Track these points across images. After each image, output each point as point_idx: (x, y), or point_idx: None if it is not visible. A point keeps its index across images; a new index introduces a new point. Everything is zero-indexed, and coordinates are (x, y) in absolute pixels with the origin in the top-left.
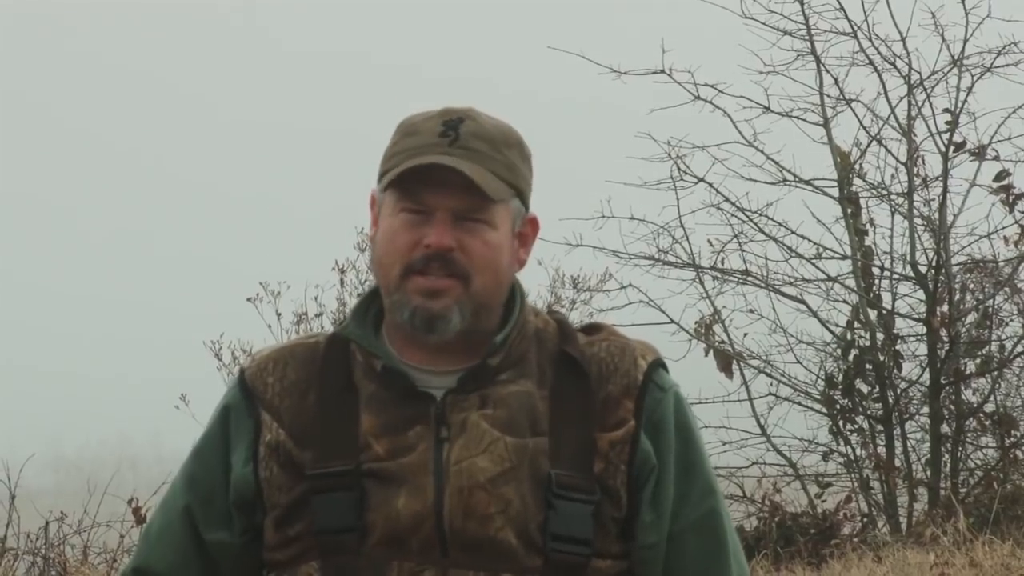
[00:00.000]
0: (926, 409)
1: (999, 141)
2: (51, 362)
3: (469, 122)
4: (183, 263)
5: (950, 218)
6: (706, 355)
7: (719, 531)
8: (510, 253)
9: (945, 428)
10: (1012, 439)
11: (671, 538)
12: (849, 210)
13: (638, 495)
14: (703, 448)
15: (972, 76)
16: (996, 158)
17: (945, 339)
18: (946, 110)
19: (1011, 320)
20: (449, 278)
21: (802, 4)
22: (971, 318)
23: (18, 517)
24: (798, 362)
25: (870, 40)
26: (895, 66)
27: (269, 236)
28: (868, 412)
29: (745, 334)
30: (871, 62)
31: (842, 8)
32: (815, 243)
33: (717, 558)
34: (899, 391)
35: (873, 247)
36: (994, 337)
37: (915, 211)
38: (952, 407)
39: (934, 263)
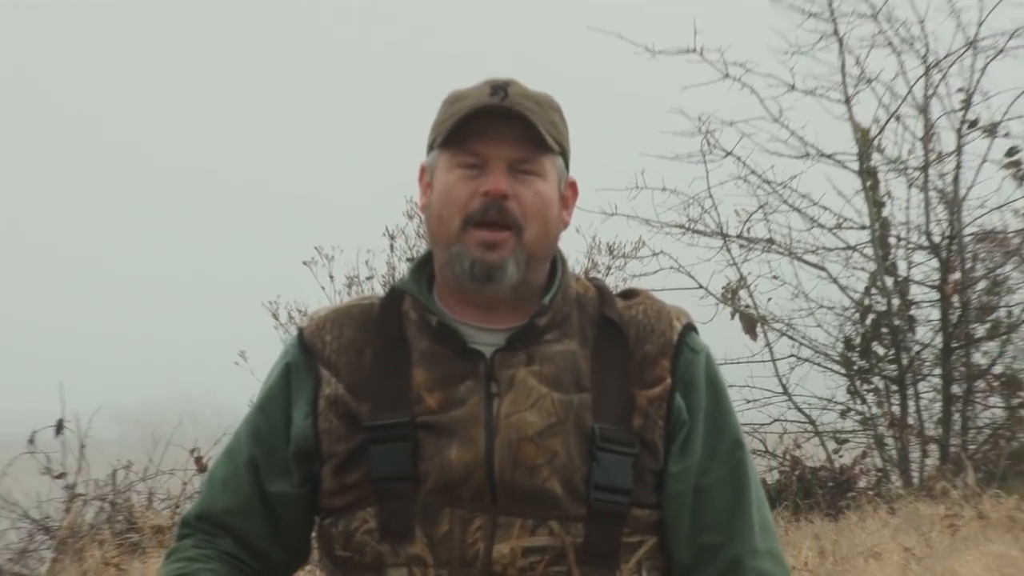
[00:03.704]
0: (938, 371)
1: (1011, 119)
2: (118, 326)
3: (515, 85)
4: (242, 230)
5: (963, 191)
6: (732, 318)
7: (744, 483)
8: (557, 209)
9: (956, 389)
10: (1019, 399)
11: (700, 490)
12: (868, 183)
13: (669, 449)
14: (731, 405)
15: (986, 57)
16: (1007, 135)
17: (957, 305)
18: (961, 89)
19: (1019, 288)
20: (504, 230)
21: None
22: (981, 285)
23: (87, 465)
24: (818, 326)
25: (890, 22)
26: (913, 47)
27: (325, 204)
28: (883, 373)
29: (769, 299)
30: (890, 43)
31: None
32: (836, 214)
33: (741, 508)
34: (913, 354)
35: (890, 218)
36: (1003, 304)
37: (930, 184)
38: (962, 369)
39: (947, 233)
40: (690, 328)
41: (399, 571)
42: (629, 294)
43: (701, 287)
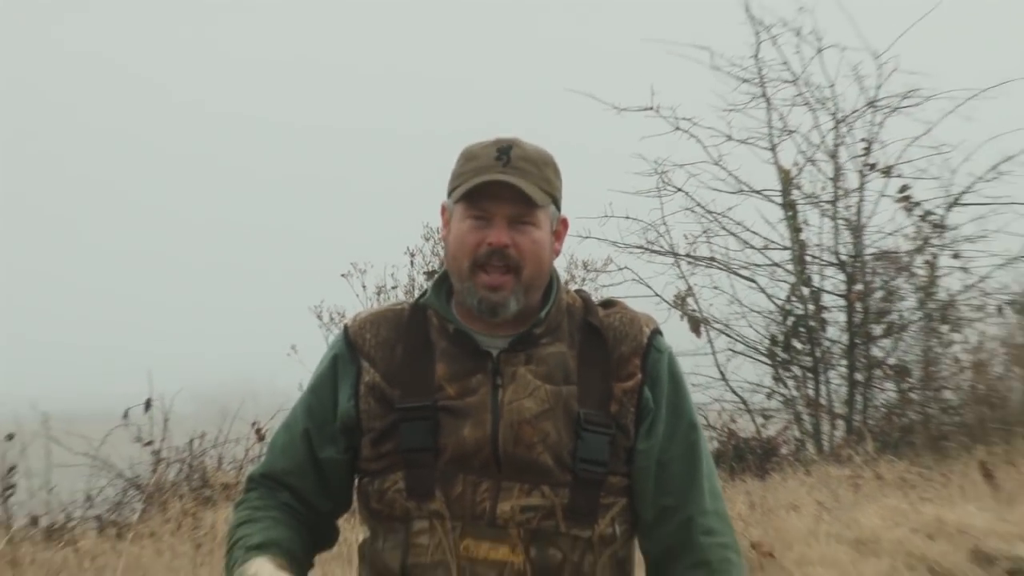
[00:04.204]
0: (844, 362)
1: (902, 163)
2: (191, 323)
3: (516, 148)
4: (294, 242)
5: (864, 220)
6: (681, 320)
7: (697, 459)
8: (549, 246)
9: (858, 376)
10: (908, 384)
11: (662, 463)
12: (789, 213)
13: (638, 430)
14: (688, 395)
15: (883, 114)
16: (900, 176)
17: (859, 310)
18: (863, 139)
19: (908, 296)
20: (506, 274)
21: (757, 59)
22: (879, 294)
23: (170, 435)
24: (750, 326)
25: (807, 86)
26: (825, 106)
27: (357, 221)
28: (801, 363)
29: (711, 304)
30: (807, 103)
31: (786, 63)
32: (763, 237)
33: (694, 478)
34: (824, 348)
35: (806, 241)
36: (895, 309)
37: (838, 215)
38: (863, 360)
39: (852, 253)
40: (656, 332)
41: (422, 523)
42: (608, 304)
43: (657, 295)
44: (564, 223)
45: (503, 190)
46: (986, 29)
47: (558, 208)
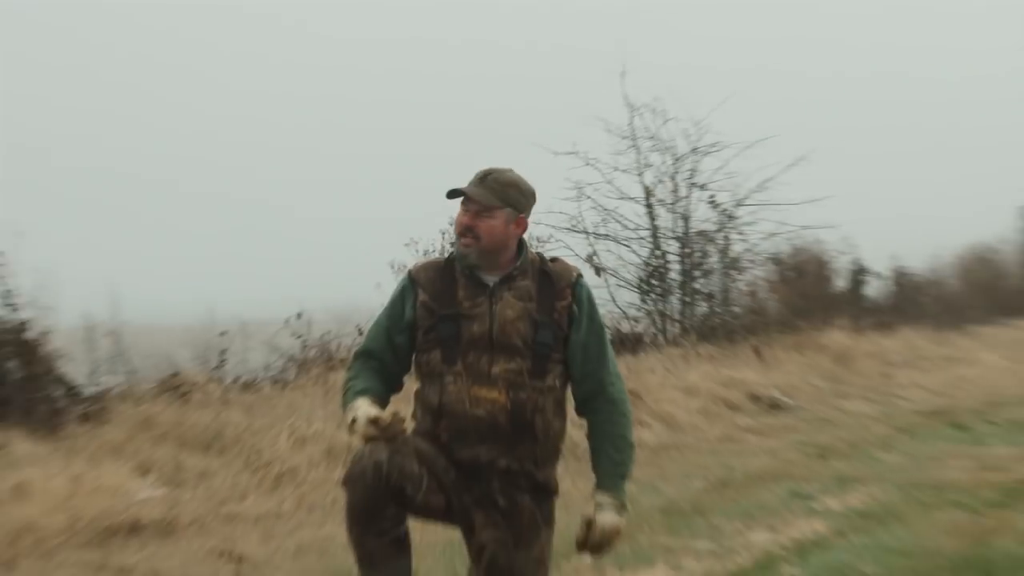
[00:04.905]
0: (679, 291)
1: (713, 182)
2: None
3: (493, 174)
4: (383, 194)
5: (690, 213)
6: (590, 268)
7: (603, 344)
8: (504, 230)
9: (687, 299)
10: (713, 303)
11: (583, 347)
12: (650, 210)
13: (570, 329)
14: (597, 309)
15: (701, 154)
16: (709, 189)
17: (687, 263)
18: (689, 169)
19: (713, 255)
20: (472, 241)
21: (631, 126)
22: (697, 254)
23: (312, 332)
24: (628, 272)
25: (658, 140)
26: (668, 151)
27: (410, 205)
28: (655, 292)
29: (607, 259)
30: (659, 149)
31: (647, 127)
32: (635, 223)
33: (603, 357)
34: (667, 283)
35: (658, 225)
36: (706, 263)
37: (676, 210)
38: (689, 290)
39: (683, 231)
40: (580, 275)
41: (450, 377)
42: (554, 260)
43: (576, 255)
44: (519, 222)
45: (470, 196)
46: (758, 102)
47: (518, 210)
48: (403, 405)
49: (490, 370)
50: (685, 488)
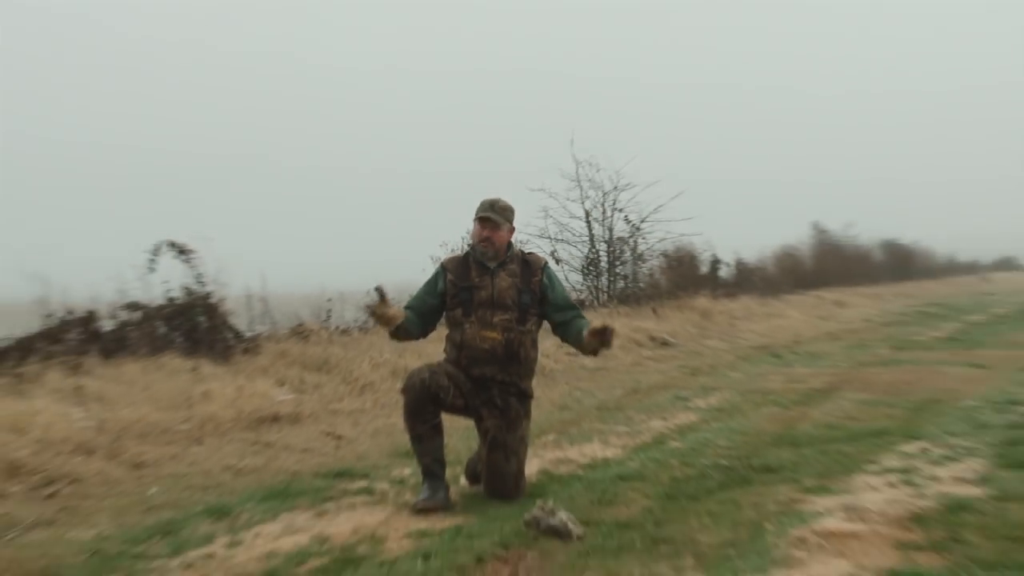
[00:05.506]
0: (607, 275)
1: (627, 207)
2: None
3: (498, 203)
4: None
5: (607, 228)
6: (552, 259)
7: (567, 297)
8: (506, 237)
9: (612, 279)
10: (627, 281)
11: (556, 299)
12: (590, 227)
13: (543, 293)
14: (559, 280)
15: (620, 190)
16: (624, 212)
17: (611, 257)
18: (614, 200)
19: (627, 252)
20: (489, 245)
21: (577, 173)
22: (617, 251)
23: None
24: (576, 262)
25: (594, 182)
26: (600, 188)
27: (445, 212)
28: (592, 274)
29: (565, 253)
30: (594, 187)
31: (588, 174)
32: (580, 233)
33: (568, 301)
34: (600, 268)
35: (595, 234)
36: (623, 256)
37: (605, 226)
38: (613, 273)
39: (609, 238)
40: (546, 263)
41: (467, 324)
42: (530, 253)
43: (544, 252)
44: (511, 229)
45: (488, 217)
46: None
47: (511, 224)
48: (436, 344)
49: (492, 320)
50: (610, 394)
